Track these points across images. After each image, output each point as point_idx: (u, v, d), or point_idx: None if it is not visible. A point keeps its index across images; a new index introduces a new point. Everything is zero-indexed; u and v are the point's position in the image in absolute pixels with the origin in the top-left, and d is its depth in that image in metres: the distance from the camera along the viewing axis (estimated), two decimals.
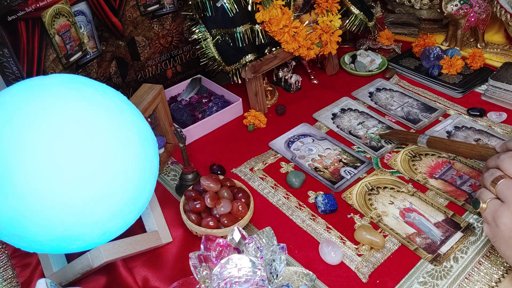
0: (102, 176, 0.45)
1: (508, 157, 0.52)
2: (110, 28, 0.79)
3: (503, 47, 1.02)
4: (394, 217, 0.63)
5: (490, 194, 0.52)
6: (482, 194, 0.53)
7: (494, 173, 0.53)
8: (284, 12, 0.80)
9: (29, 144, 0.42)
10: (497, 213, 0.50)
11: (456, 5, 0.95)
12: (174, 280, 0.52)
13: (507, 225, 0.49)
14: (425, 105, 0.87)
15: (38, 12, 0.64)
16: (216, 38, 0.81)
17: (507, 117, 0.81)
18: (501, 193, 0.51)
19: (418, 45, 1.01)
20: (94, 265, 0.51)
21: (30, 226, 0.43)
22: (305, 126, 0.83)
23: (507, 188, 0.50)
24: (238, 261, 0.48)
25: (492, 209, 0.51)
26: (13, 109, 0.43)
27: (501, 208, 0.50)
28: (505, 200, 0.50)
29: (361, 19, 0.91)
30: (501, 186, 0.51)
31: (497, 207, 0.51)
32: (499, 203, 0.51)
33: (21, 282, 0.57)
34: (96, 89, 0.48)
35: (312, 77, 0.97)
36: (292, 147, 0.77)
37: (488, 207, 0.52)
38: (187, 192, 0.63)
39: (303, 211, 0.65)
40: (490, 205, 0.52)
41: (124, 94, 0.74)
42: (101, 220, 0.46)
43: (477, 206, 0.53)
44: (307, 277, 0.53)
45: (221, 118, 0.84)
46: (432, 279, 0.55)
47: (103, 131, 0.45)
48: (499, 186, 0.51)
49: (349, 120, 0.84)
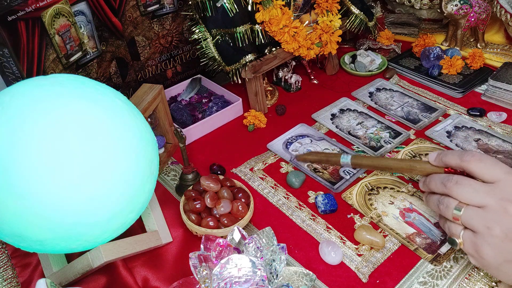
0: (102, 176, 0.45)
1: (454, 184, 0.50)
2: (110, 28, 0.79)
3: (503, 47, 1.02)
4: (394, 217, 0.63)
5: (458, 226, 0.50)
6: (452, 229, 0.51)
7: (449, 204, 0.50)
8: (284, 12, 0.80)
9: (29, 144, 0.42)
10: (476, 246, 0.48)
11: (456, 5, 0.95)
12: (174, 280, 0.52)
13: (490, 255, 0.47)
14: (425, 105, 0.87)
15: (38, 12, 0.64)
16: (216, 38, 0.81)
17: (507, 117, 0.81)
18: (467, 224, 0.49)
19: (418, 45, 1.01)
20: (94, 265, 0.51)
21: (30, 226, 0.43)
22: (302, 127, 0.82)
23: (471, 218, 0.48)
24: (238, 261, 0.48)
25: (469, 242, 0.49)
26: (13, 109, 0.43)
27: (478, 241, 0.48)
28: (476, 230, 0.48)
29: (361, 19, 0.91)
30: (464, 217, 0.49)
31: (473, 239, 0.49)
32: (473, 234, 0.49)
33: (21, 282, 0.57)
34: (96, 89, 0.48)
35: (312, 77, 0.97)
36: (291, 148, 0.77)
37: (464, 241, 0.50)
38: (187, 192, 0.63)
39: (303, 211, 0.65)
40: (466, 238, 0.50)
41: (124, 94, 0.74)
42: (101, 220, 0.46)
43: (455, 244, 0.51)
44: (307, 277, 0.53)
45: (221, 118, 0.84)
46: (432, 279, 0.55)
47: (103, 131, 0.45)
48: (463, 218, 0.49)
49: (348, 121, 0.84)
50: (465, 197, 0.49)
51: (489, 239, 0.47)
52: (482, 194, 0.48)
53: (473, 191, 0.49)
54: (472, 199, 0.49)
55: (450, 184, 0.51)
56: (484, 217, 0.48)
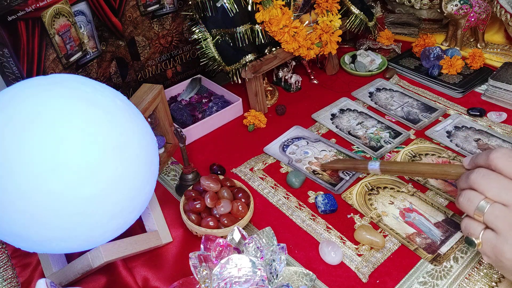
0: (102, 176, 0.44)
1: (480, 176, 0.47)
2: (110, 28, 0.79)
3: (503, 47, 1.02)
4: (394, 217, 0.63)
5: (479, 225, 0.47)
6: (471, 228, 0.47)
7: (472, 198, 0.47)
8: (284, 12, 0.80)
9: (29, 144, 0.42)
10: (496, 249, 0.45)
11: (456, 5, 0.95)
12: (174, 280, 0.52)
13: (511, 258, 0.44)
14: (425, 105, 0.87)
15: (38, 12, 0.64)
16: (216, 38, 0.81)
17: (507, 117, 0.81)
18: (491, 223, 0.45)
19: (418, 45, 1.01)
20: (94, 265, 0.51)
21: (30, 226, 0.43)
22: (297, 129, 0.82)
23: (496, 217, 0.45)
24: (238, 261, 0.48)
25: (489, 244, 0.46)
26: (13, 109, 0.43)
27: (499, 243, 0.44)
28: (498, 231, 0.45)
29: (361, 19, 0.91)
30: (489, 215, 0.45)
31: (494, 241, 0.45)
32: (494, 235, 0.45)
33: (21, 282, 0.57)
34: (96, 89, 0.48)
35: (312, 77, 0.97)
36: (288, 151, 0.77)
37: (484, 242, 0.46)
38: (187, 192, 0.63)
39: (303, 211, 0.65)
40: (485, 240, 0.46)
41: (124, 94, 0.74)
42: (101, 220, 0.46)
43: (472, 245, 0.47)
44: (307, 277, 0.53)
45: (221, 118, 0.84)
46: (432, 279, 0.55)
47: (103, 131, 0.45)
48: (486, 216, 0.45)
49: (348, 121, 0.84)
50: (492, 192, 0.46)
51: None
52: (510, 192, 0.44)
53: (502, 187, 0.45)
54: (500, 195, 0.45)
55: (475, 175, 0.47)
56: (511, 217, 0.44)
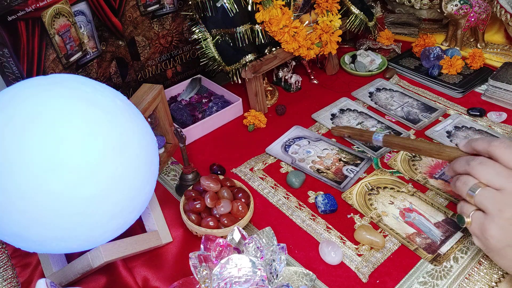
0: (102, 176, 0.44)
1: (477, 164, 0.51)
2: (110, 28, 0.79)
3: (503, 47, 1.02)
4: (394, 217, 0.63)
5: (471, 207, 0.51)
6: (464, 208, 0.52)
7: (467, 182, 0.51)
8: (284, 12, 0.80)
9: (29, 144, 0.42)
10: (483, 226, 0.49)
11: (456, 5, 0.95)
12: (174, 280, 0.52)
13: (496, 237, 0.48)
14: (425, 105, 0.87)
15: (38, 12, 0.64)
16: (216, 38, 0.81)
17: (507, 117, 0.81)
18: (480, 204, 0.50)
19: (418, 45, 1.01)
20: (94, 265, 0.51)
21: (30, 226, 0.43)
22: (298, 129, 0.82)
23: (485, 198, 0.49)
24: (238, 261, 0.48)
25: (477, 222, 0.50)
26: (13, 109, 0.43)
27: (486, 221, 0.49)
28: (487, 211, 0.49)
29: (361, 19, 0.91)
30: (479, 197, 0.50)
31: (482, 220, 0.50)
32: (483, 215, 0.50)
33: (21, 282, 0.57)
34: (96, 89, 0.48)
35: (312, 77, 0.97)
36: (290, 151, 0.77)
37: (473, 221, 0.51)
38: (187, 192, 0.63)
39: (303, 211, 0.65)
40: (475, 218, 0.51)
41: (124, 94, 0.74)
42: (101, 220, 0.46)
43: (462, 222, 0.52)
44: (307, 277, 0.53)
45: (221, 118, 0.84)
46: (432, 279, 0.55)
47: (103, 131, 0.45)
48: (477, 197, 0.50)
49: (348, 121, 0.84)
50: (486, 178, 0.50)
51: (498, 220, 0.48)
52: (503, 178, 0.49)
53: (495, 173, 0.49)
54: (492, 180, 0.49)
55: (474, 163, 0.51)
56: (500, 199, 0.48)
